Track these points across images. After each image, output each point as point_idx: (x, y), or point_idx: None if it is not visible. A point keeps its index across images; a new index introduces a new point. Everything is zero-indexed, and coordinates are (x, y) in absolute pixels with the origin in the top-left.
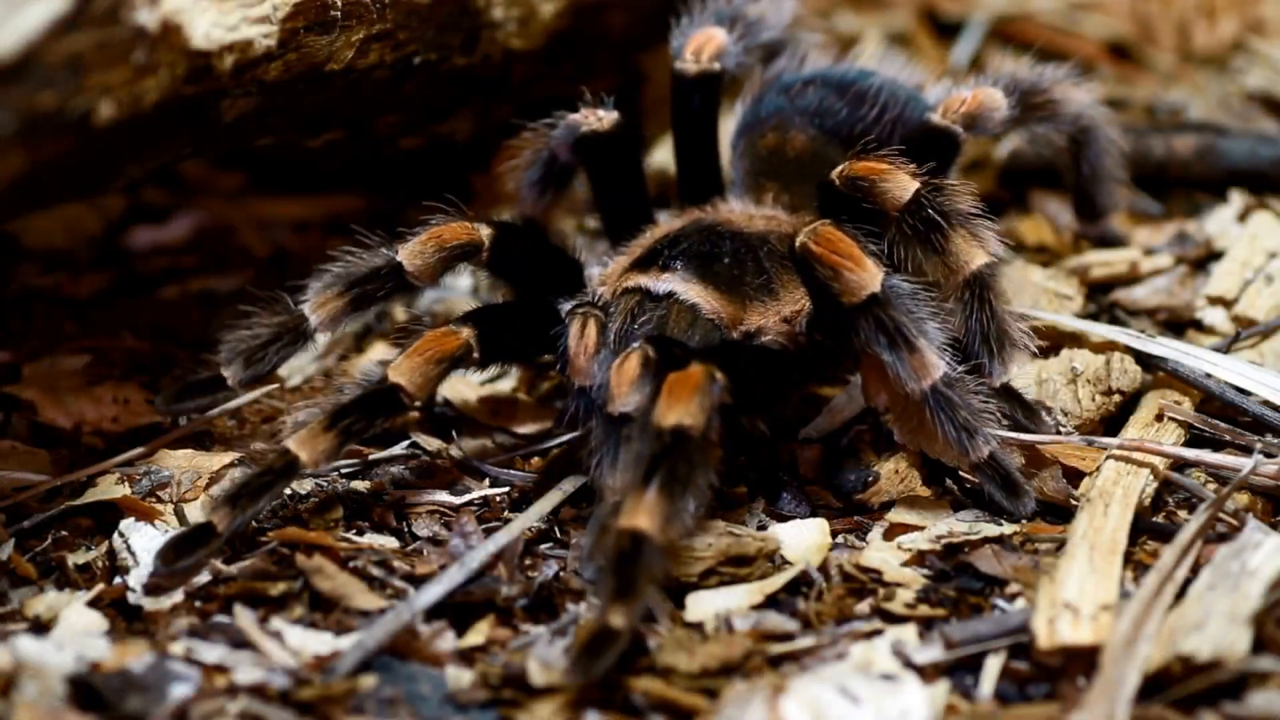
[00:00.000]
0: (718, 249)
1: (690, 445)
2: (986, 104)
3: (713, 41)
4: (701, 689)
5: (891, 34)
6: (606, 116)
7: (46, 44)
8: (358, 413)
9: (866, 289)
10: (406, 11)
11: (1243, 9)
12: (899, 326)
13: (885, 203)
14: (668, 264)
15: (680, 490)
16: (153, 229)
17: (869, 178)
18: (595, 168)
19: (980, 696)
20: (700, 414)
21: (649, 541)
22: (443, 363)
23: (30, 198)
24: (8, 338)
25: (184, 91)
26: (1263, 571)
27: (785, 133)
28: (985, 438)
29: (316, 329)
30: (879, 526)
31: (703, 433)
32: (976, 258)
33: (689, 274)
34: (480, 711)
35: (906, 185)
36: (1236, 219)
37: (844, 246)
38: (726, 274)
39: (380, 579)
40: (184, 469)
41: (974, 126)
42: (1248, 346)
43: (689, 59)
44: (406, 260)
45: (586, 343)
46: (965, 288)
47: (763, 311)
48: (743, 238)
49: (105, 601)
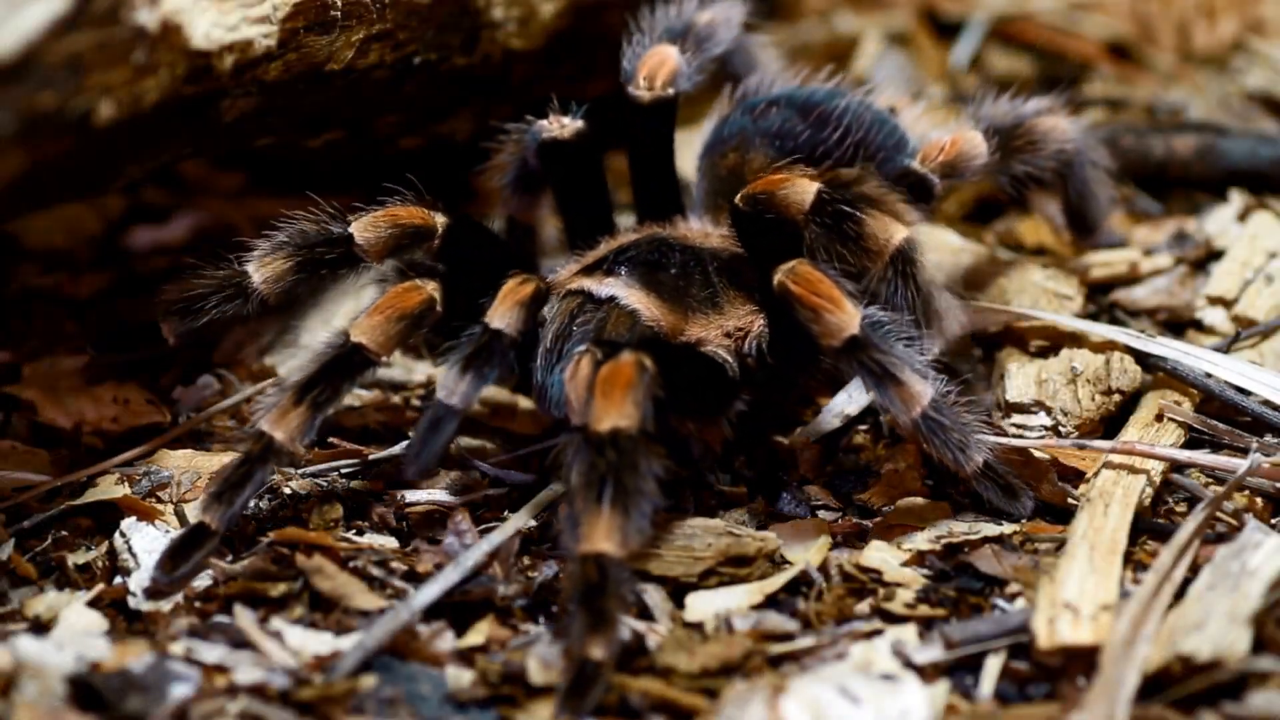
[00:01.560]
0: (665, 260)
1: (634, 449)
2: (966, 151)
3: (666, 65)
4: (701, 689)
5: (891, 34)
6: (570, 125)
7: (46, 44)
8: (324, 380)
9: (846, 331)
10: (406, 11)
11: (1243, 9)
12: (883, 365)
13: (790, 210)
14: (613, 270)
15: (635, 500)
16: (153, 229)
17: (767, 191)
18: (556, 175)
19: (980, 696)
20: (635, 410)
21: (613, 561)
22: (404, 319)
23: (30, 198)
24: (8, 338)
25: (184, 91)
26: (1263, 571)
27: (746, 154)
28: (978, 448)
29: (260, 288)
30: (879, 526)
31: (640, 429)
32: (896, 233)
33: (632, 280)
34: (480, 711)
35: (806, 188)
36: (1236, 219)
37: (824, 288)
38: (671, 284)
39: (380, 579)
40: (184, 469)
41: (952, 175)
42: (1248, 346)
43: (642, 85)
44: (358, 232)
45: (520, 292)
46: (889, 267)
47: (704, 324)
48: (693, 252)
49: (105, 601)
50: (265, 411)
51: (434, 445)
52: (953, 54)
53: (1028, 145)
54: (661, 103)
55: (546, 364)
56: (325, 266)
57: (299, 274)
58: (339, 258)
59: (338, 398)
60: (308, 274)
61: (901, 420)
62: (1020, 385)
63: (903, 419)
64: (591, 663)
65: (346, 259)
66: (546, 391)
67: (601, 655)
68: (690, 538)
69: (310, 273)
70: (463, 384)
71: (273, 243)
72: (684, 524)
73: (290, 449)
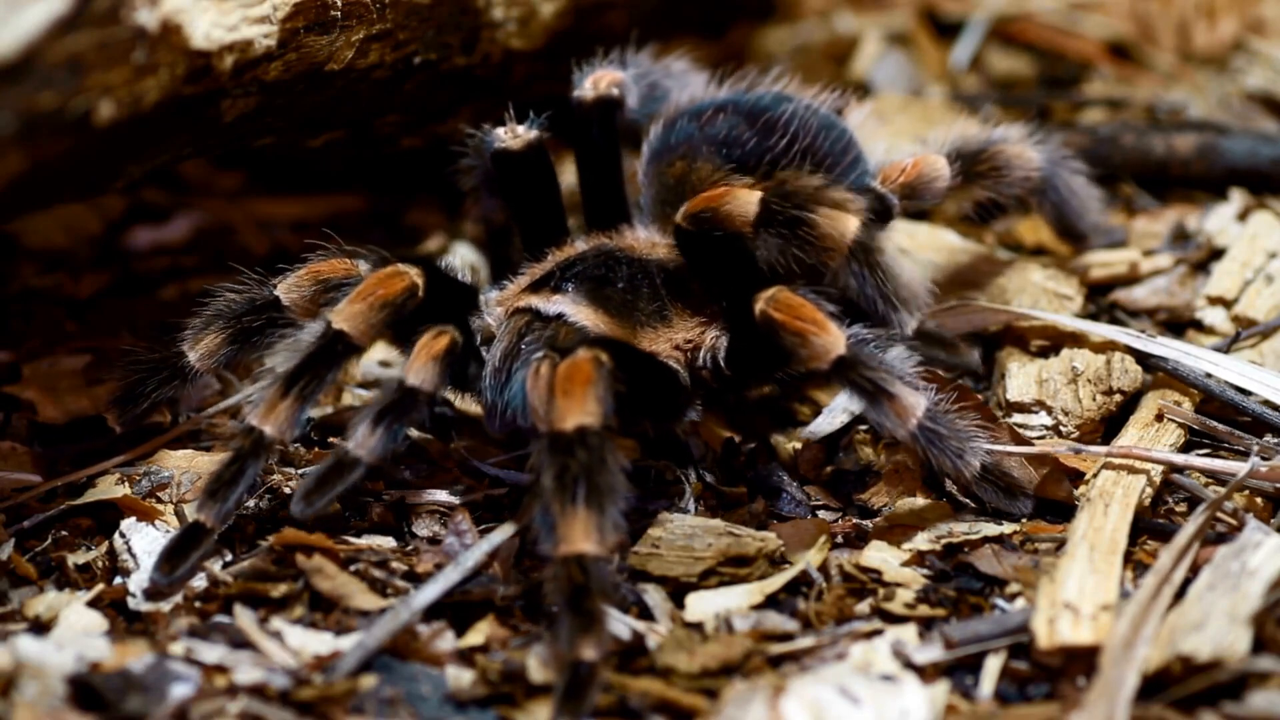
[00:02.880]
0: (613, 274)
1: (602, 446)
2: (926, 173)
3: (611, 75)
4: (701, 689)
5: (891, 34)
6: (522, 136)
7: (46, 44)
8: (308, 371)
9: (834, 352)
10: (406, 11)
11: (1243, 9)
12: (874, 381)
13: (735, 224)
14: (560, 286)
15: (608, 497)
16: (153, 229)
17: (709, 208)
18: (508, 185)
19: (980, 696)
20: (597, 406)
21: (594, 560)
22: (386, 308)
23: (30, 198)
24: (8, 338)
25: (184, 91)
26: (1263, 571)
27: (693, 162)
28: (974, 452)
29: (196, 365)
30: (879, 526)
31: (604, 425)
32: (849, 225)
33: (580, 296)
34: (480, 711)
35: (748, 200)
36: (1236, 219)
37: (807, 312)
38: (619, 298)
39: (380, 579)
40: (184, 469)
41: (912, 196)
42: (1248, 346)
43: (587, 87)
44: (284, 294)
45: (434, 347)
46: (851, 259)
47: (654, 338)
48: (640, 264)
49: (105, 601)
50: (254, 407)
51: (330, 492)
52: (953, 54)
53: (991, 171)
54: (605, 101)
55: (495, 383)
56: (257, 334)
57: (232, 345)
58: (269, 322)
59: (323, 387)
60: (240, 344)
61: (899, 434)
62: (1021, 385)
63: (900, 433)
64: (585, 664)
65: (278, 323)
66: (496, 410)
67: (594, 655)
68: (690, 538)
69: (243, 342)
70: (373, 439)
71: (203, 318)
72: (684, 524)
73: (280, 441)
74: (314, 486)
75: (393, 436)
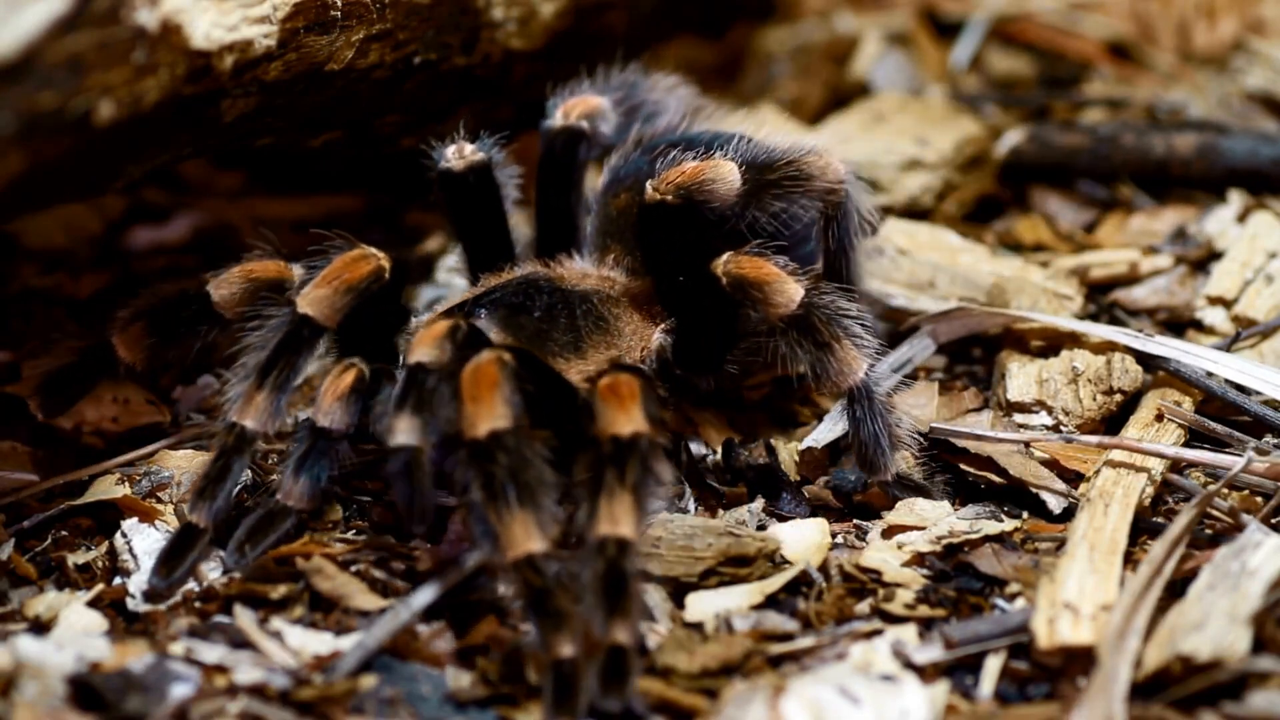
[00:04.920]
0: (531, 302)
1: (520, 445)
2: (710, 177)
3: (586, 103)
4: (701, 689)
5: (891, 34)
6: (468, 157)
7: (46, 44)
8: (280, 360)
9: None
10: (406, 11)
11: (1243, 9)
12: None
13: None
14: (473, 312)
15: (541, 491)
16: (153, 229)
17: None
18: (451, 207)
19: (980, 696)
20: (506, 408)
21: (544, 557)
22: (351, 291)
23: (30, 198)
24: (8, 338)
25: (184, 91)
26: (1263, 571)
27: (637, 194)
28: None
29: (123, 357)
30: (879, 526)
31: (516, 424)
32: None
33: (491, 323)
34: (480, 711)
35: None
36: (1236, 219)
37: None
38: (532, 327)
39: (380, 579)
40: (184, 469)
41: (690, 199)
42: (1248, 347)
43: (558, 116)
44: (214, 290)
45: (340, 385)
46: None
47: (564, 368)
48: (563, 294)
49: (105, 601)
50: (232, 403)
51: (264, 543)
52: (953, 54)
53: (786, 180)
54: (571, 132)
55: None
56: (186, 326)
57: (158, 338)
58: (196, 317)
59: (297, 374)
60: (164, 337)
61: (842, 386)
62: (1021, 385)
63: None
64: (566, 661)
65: (205, 318)
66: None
67: (571, 651)
68: (690, 538)
69: (170, 334)
70: (298, 486)
71: (131, 310)
72: (684, 524)
73: (261, 433)
74: (246, 537)
75: (316, 480)
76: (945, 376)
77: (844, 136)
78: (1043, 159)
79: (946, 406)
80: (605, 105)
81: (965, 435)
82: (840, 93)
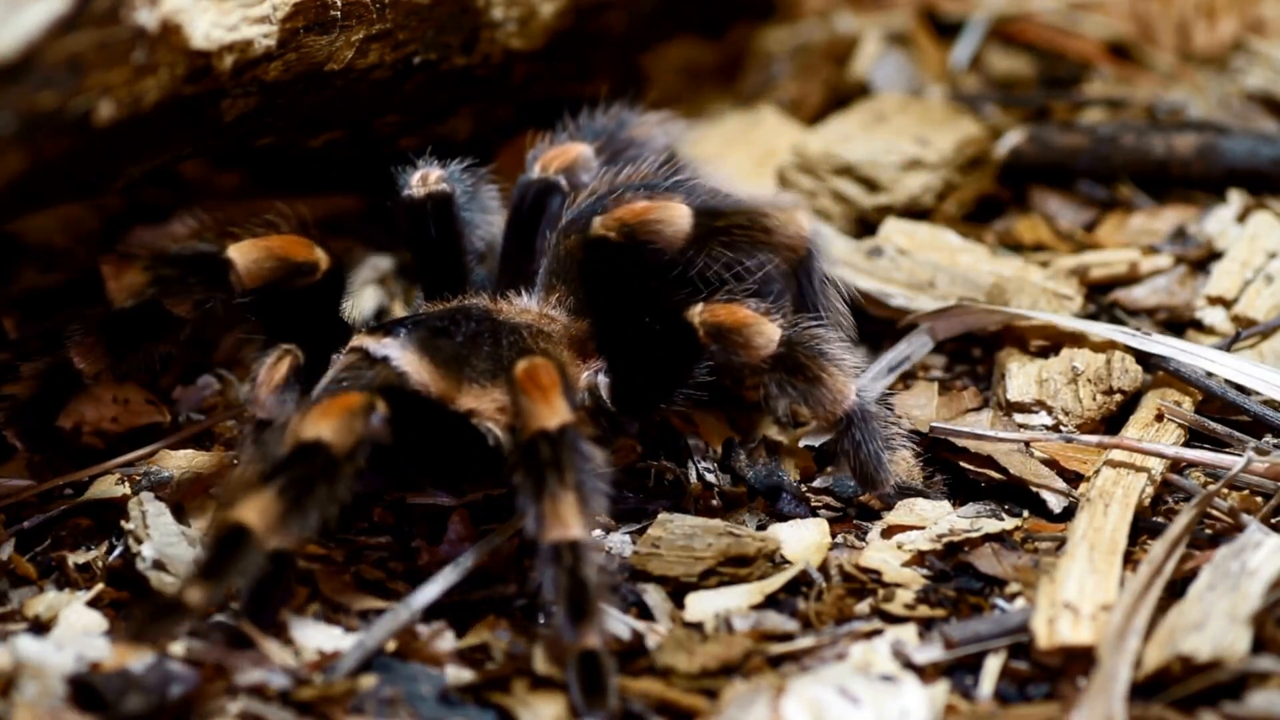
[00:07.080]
0: (455, 328)
1: (316, 458)
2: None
3: (566, 155)
4: (701, 689)
5: (891, 34)
6: (430, 185)
7: (46, 44)
8: (190, 275)
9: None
10: (406, 11)
11: (1243, 9)
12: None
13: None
14: (396, 331)
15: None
16: (153, 229)
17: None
18: (410, 233)
19: (980, 696)
20: (344, 433)
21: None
22: (278, 261)
23: (30, 198)
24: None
25: (184, 91)
26: (1263, 571)
27: (586, 234)
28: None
29: (83, 369)
30: (878, 526)
31: (345, 451)
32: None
33: (410, 344)
34: (480, 711)
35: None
36: (1236, 219)
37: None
38: (452, 352)
39: (380, 579)
40: (184, 469)
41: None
42: (1248, 347)
43: (536, 170)
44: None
45: (275, 375)
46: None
47: (479, 395)
48: (492, 324)
49: (105, 601)
50: None
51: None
52: (953, 54)
53: (736, 229)
54: (547, 185)
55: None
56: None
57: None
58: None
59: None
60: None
61: (836, 413)
62: (1021, 385)
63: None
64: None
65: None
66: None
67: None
68: (690, 538)
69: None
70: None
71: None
72: (684, 524)
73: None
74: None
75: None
76: (945, 376)
77: (844, 136)
78: (1043, 159)
79: (946, 406)
80: (587, 154)
81: (965, 435)
82: (840, 93)
